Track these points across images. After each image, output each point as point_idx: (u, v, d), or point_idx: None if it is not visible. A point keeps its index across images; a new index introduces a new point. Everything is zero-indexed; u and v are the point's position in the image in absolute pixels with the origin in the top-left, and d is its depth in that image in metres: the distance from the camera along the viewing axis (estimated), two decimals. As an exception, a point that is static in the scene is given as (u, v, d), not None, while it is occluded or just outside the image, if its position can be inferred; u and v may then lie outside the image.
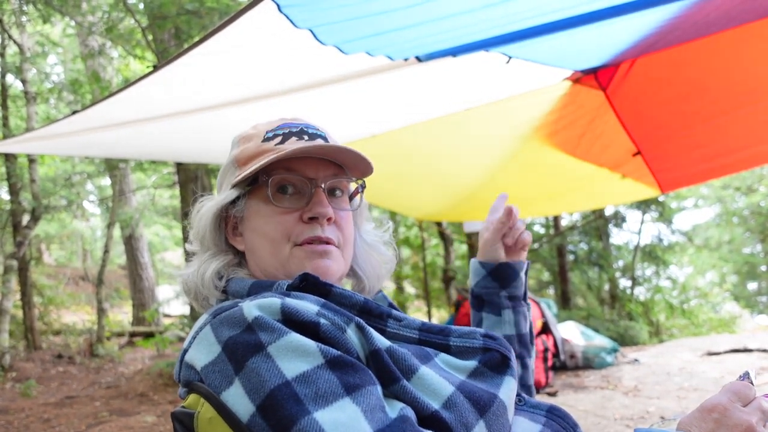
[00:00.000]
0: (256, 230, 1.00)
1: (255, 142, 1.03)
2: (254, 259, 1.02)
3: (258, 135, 1.04)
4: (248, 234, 1.02)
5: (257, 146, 1.02)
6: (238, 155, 1.04)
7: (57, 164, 12.30)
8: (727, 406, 0.75)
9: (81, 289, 14.66)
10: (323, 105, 3.04)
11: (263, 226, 0.99)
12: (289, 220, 0.99)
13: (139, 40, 7.96)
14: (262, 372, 0.75)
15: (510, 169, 4.28)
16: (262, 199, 1.00)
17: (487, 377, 0.89)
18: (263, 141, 1.02)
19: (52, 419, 5.74)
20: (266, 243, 0.99)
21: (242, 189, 1.01)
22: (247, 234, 1.03)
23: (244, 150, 1.03)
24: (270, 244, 0.99)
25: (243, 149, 1.04)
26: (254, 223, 1.01)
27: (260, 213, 1.00)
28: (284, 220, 0.98)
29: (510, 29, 2.20)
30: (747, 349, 7.04)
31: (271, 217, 0.99)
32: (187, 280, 1.02)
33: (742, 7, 2.31)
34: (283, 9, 1.82)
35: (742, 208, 17.04)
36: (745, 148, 3.62)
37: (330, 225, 1.00)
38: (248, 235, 1.02)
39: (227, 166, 1.06)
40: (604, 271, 11.48)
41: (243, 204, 1.02)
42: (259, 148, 1.01)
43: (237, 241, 1.04)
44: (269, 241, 0.99)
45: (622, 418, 4.61)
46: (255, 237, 1.01)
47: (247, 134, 1.06)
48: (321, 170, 1.01)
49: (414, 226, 12.02)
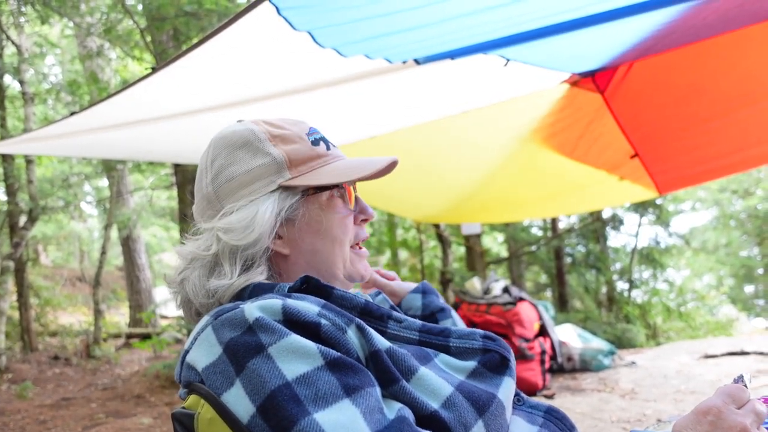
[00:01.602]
0: (321, 233, 1.00)
1: (302, 144, 1.00)
2: (313, 262, 1.01)
3: (299, 137, 1.01)
4: (308, 236, 1.00)
5: (310, 149, 1.01)
6: (291, 156, 0.99)
7: (54, 165, 12.27)
8: (721, 409, 0.76)
9: (78, 290, 14.62)
10: (322, 107, 3.04)
11: (332, 228, 1.01)
12: (350, 222, 1.04)
13: (138, 42, 7.95)
14: (262, 373, 0.75)
15: (508, 172, 4.30)
16: (324, 202, 1.01)
17: (486, 378, 0.90)
18: (313, 144, 1.02)
19: (48, 421, 5.72)
20: (335, 245, 1.01)
21: (298, 192, 0.99)
22: (306, 236, 1.00)
23: (294, 151, 0.99)
24: (339, 246, 1.01)
25: (292, 150, 0.99)
26: (317, 226, 1.00)
27: (326, 216, 1.01)
28: (348, 223, 1.04)
29: (508, 32, 2.21)
30: (744, 352, 7.05)
31: (339, 220, 1.02)
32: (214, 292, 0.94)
33: (739, 10, 2.32)
34: (282, 11, 1.82)
35: (739, 211, 17.10)
36: (742, 150, 3.64)
37: None
38: (309, 238, 1.00)
39: (266, 164, 0.97)
40: (602, 274, 11.50)
41: (302, 207, 0.99)
42: (313, 151, 1.01)
43: (277, 244, 0.99)
44: (339, 242, 1.01)
45: (619, 420, 4.61)
46: (316, 239, 1.00)
47: (279, 134, 1.00)
48: None
49: (412, 228, 12.02)
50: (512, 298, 6.16)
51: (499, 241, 14.46)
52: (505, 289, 6.41)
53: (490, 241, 14.17)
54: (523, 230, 12.46)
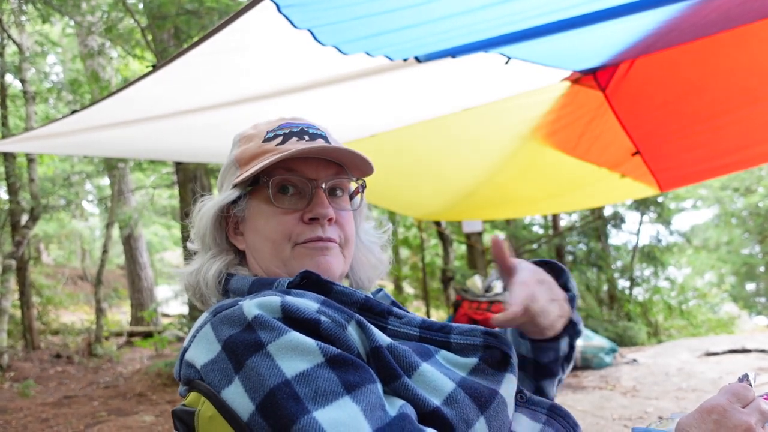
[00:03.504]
0: (258, 230, 1.01)
1: (256, 142, 1.03)
2: (256, 259, 1.02)
3: (258, 135, 1.04)
4: (250, 234, 1.03)
5: (258, 146, 1.02)
6: (239, 155, 1.04)
7: (56, 164, 12.28)
8: (726, 407, 0.75)
9: (79, 288, 14.64)
10: (323, 105, 3.04)
11: (265, 226, 1.00)
12: (290, 220, 0.99)
13: (139, 40, 7.95)
14: (261, 371, 0.75)
15: (509, 169, 4.29)
16: (264, 199, 1.00)
17: (488, 374, 0.90)
18: (264, 141, 1.02)
19: (50, 419, 5.73)
20: (268, 243, 1.00)
21: (243, 189, 1.02)
22: (248, 234, 1.03)
23: (245, 150, 1.04)
24: (272, 244, 0.99)
25: (244, 149, 1.04)
26: (256, 223, 1.01)
27: (262, 213, 1.00)
28: (285, 221, 0.99)
29: (509, 30, 2.20)
30: (745, 349, 7.05)
31: (272, 217, 0.99)
32: (188, 278, 1.03)
33: (740, 8, 2.31)
34: (282, 9, 1.82)
35: (740, 209, 17.06)
36: (744, 148, 3.62)
37: (331, 225, 1.01)
38: (249, 235, 1.03)
39: (228, 165, 1.07)
40: (603, 272, 11.49)
41: (244, 204, 1.02)
42: (260, 148, 1.02)
43: (238, 240, 1.05)
44: (271, 241, 0.99)
45: (621, 418, 4.61)
46: (256, 237, 1.01)
47: (247, 134, 1.07)
48: (321, 170, 1.01)
49: (413, 226, 12.01)
50: (513, 296, 6.14)
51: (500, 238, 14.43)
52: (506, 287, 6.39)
53: (491, 238, 14.15)
54: (524, 228, 12.44)
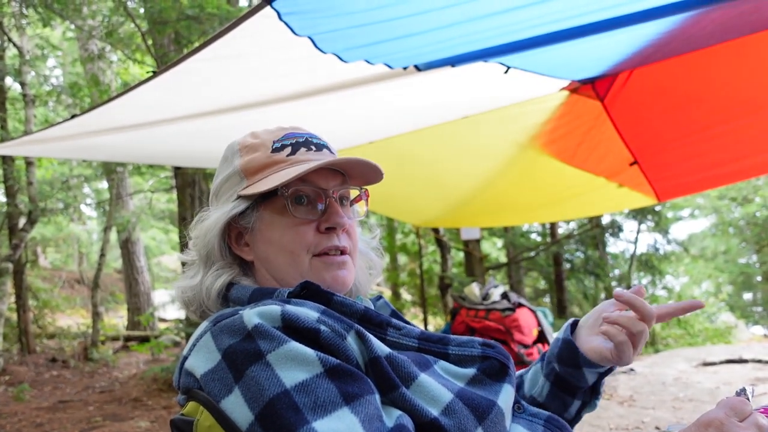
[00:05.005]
0: (272, 241, 1.00)
1: (263, 152, 1.02)
2: (269, 270, 1.01)
3: (264, 145, 1.03)
4: (261, 245, 1.01)
5: (267, 156, 1.01)
6: (245, 165, 1.02)
7: (54, 167, 12.26)
8: (723, 421, 0.75)
9: (76, 292, 14.59)
10: (322, 112, 3.04)
11: (281, 237, 0.99)
12: (307, 230, 0.99)
13: (139, 45, 7.97)
14: (261, 380, 0.75)
15: (507, 177, 4.30)
16: (278, 210, 0.99)
17: (486, 384, 0.90)
18: (273, 151, 1.01)
19: (45, 424, 5.70)
20: (284, 254, 0.99)
21: (252, 200, 1.00)
22: (258, 245, 1.01)
23: (251, 160, 1.02)
24: (289, 255, 0.99)
25: (250, 159, 1.02)
26: (269, 234, 1.00)
27: (276, 224, 0.99)
28: (303, 231, 0.99)
29: (509, 39, 2.22)
30: (742, 359, 7.04)
31: (289, 228, 0.99)
32: (187, 292, 1.01)
33: (737, 20, 2.33)
34: (283, 17, 1.82)
35: (737, 218, 17.12)
36: (742, 158, 3.64)
37: (343, 234, 1.02)
38: (261, 246, 1.01)
39: (229, 175, 1.03)
40: (600, 280, 11.49)
41: (254, 215, 1.01)
42: (269, 158, 1.01)
43: (244, 252, 1.03)
44: (288, 251, 0.99)
45: (617, 428, 4.60)
46: (269, 248, 1.00)
47: (249, 143, 1.04)
48: (330, 180, 1.02)
49: (411, 233, 12.01)
50: (511, 304, 6.14)
51: (498, 246, 14.46)
52: (504, 294, 6.39)
53: (489, 246, 14.17)
54: (522, 236, 12.45)
